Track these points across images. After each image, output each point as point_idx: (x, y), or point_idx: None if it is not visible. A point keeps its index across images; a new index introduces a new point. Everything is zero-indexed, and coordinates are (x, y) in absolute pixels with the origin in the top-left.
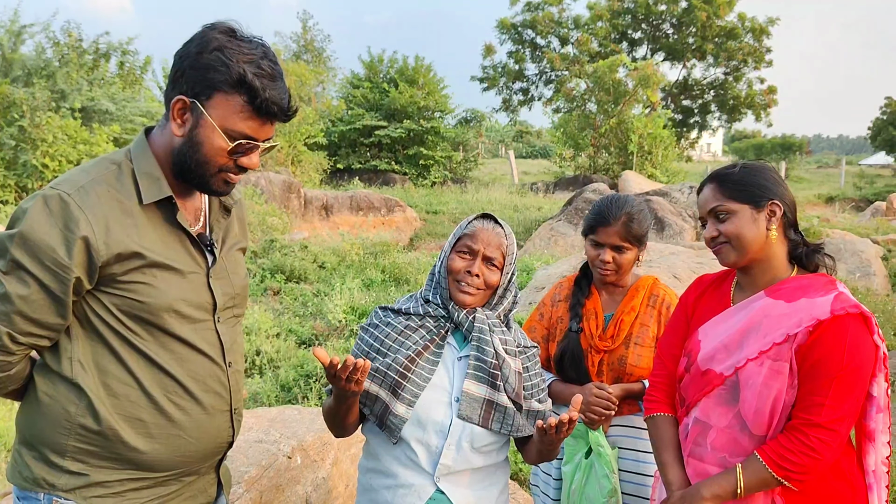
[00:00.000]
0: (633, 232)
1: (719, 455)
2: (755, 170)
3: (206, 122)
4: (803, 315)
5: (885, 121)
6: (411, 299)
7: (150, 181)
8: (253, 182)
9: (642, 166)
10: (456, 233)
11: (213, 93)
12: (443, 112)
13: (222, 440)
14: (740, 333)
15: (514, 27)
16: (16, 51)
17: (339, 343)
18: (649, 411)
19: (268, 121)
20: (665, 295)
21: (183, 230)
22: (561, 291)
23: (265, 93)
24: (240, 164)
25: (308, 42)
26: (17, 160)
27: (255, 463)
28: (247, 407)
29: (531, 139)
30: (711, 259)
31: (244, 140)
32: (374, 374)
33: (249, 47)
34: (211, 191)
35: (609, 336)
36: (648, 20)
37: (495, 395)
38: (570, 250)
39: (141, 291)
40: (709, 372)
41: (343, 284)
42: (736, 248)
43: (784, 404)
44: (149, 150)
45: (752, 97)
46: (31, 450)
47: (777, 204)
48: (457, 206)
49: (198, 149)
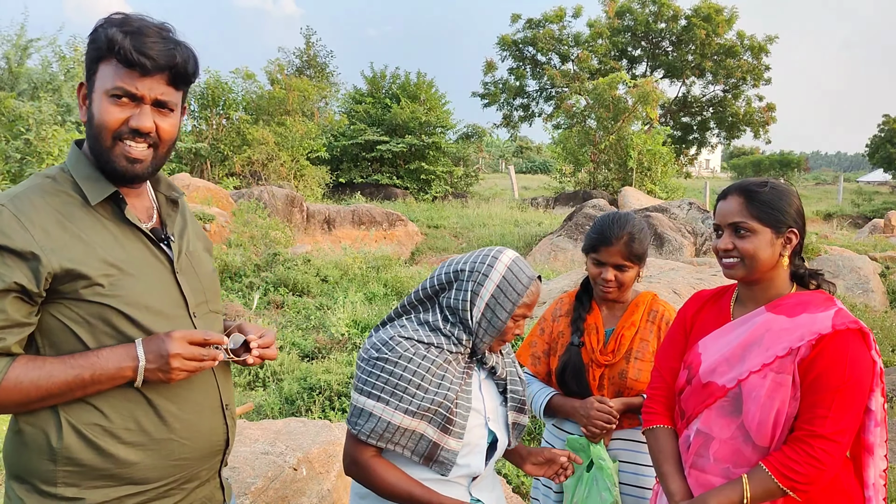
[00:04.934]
0: (634, 251)
1: (723, 466)
2: (783, 194)
3: (94, 95)
4: (805, 330)
5: (883, 138)
6: (434, 332)
7: (91, 182)
8: (256, 196)
9: (642, 182)
10: (510, 295)
11: (96, 67)
12: (444, 127)
13: (217, 439)
14: (742, 347)
15: (515, 44)
16: (22, 65)
17: (341, 356)
18: (648, 423)
19: (145, 74)
20: (664, 310)
21: (136, 227)
22: (562, 307)
23: (128, 43)
24: (131, 127)
25: (311, 57)
26: (23, 173)
27: (261, 474)
28: (251, 419)
29: (531, 154)
30: (711, 275)
31: (123, 96)
32: (417, 412)
33: (124, 17)
34: (116, 170)
35: (610, 350)
36: (648, 38)
37: (520, 418)
38: (571, 265)
39: (101, 295)
40: (710, 384)
41: (345, 298)
42: (747, 266)
43: (787, 416)
44: (82, 156)
45: (751, 114)
46: (21, 483)
47: (795, 232)
48: (458, 220)
49: (92, 123)
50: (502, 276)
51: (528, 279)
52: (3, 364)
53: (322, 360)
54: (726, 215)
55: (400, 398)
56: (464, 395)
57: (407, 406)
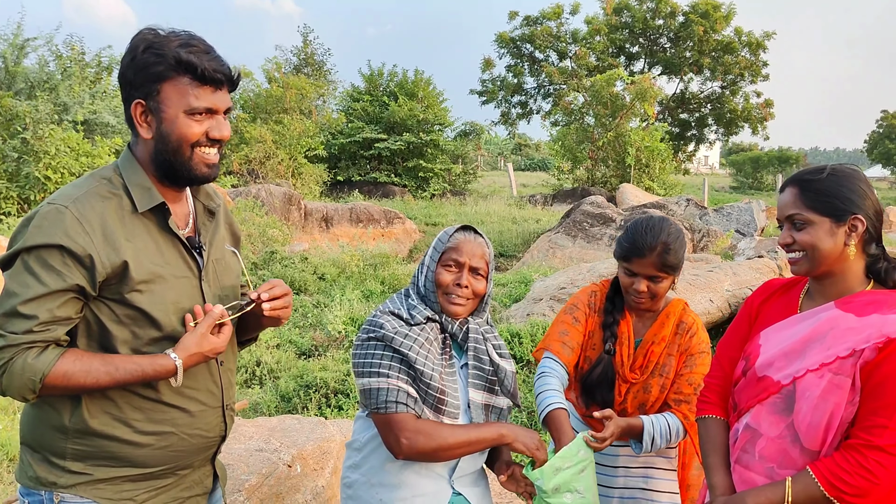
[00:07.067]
0: (668, 262)
1: (767, 465)
2: (843, 178)
3: (166, 112)
4: (873, 331)
5: (882, 134)
6: (402, 299)
7: (141, 191)
8: (254, 194)
9: (640, 179)
10: (437, 247)
11: (160, 85)
12: (442, 125)
13: (214, 435)
14: (803, 342)
15: (513, 41)
16: (19, 64)
17: (338, 354)
18: (701, 412)
19: (217, 88)
20: (693, 324)
21: (175, 235)
22: (595, 301)
23: (204, 63)
24: (211, 137)
25: (309, 56)
26: (20, 172)
27: (255, 471)
28: (247, 416)
29: (530, 152)
30: (707, 272)
31: (205, 111)
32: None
33: (174, 35)
34: (195, 177)
35: (638, 367)
36: (646, 34)
37: (493, 399)
38: (568, 262)
39: (138, 300)
40: (765, 378)
41: (343, 296)
42: (810, 259)
43: (841, 421)
44: (135, 162)
45: (749, 111)
46: (34, 452)
47: (860, 219)
48: (456, 217)
49: (169, 140)
50: (436, 239)
51: (453, 230)
52: (53, 355)
53: (319, 358)
54: (783, 208)
55: (398, 370)
56: (449, 379)
57: (406, 377)
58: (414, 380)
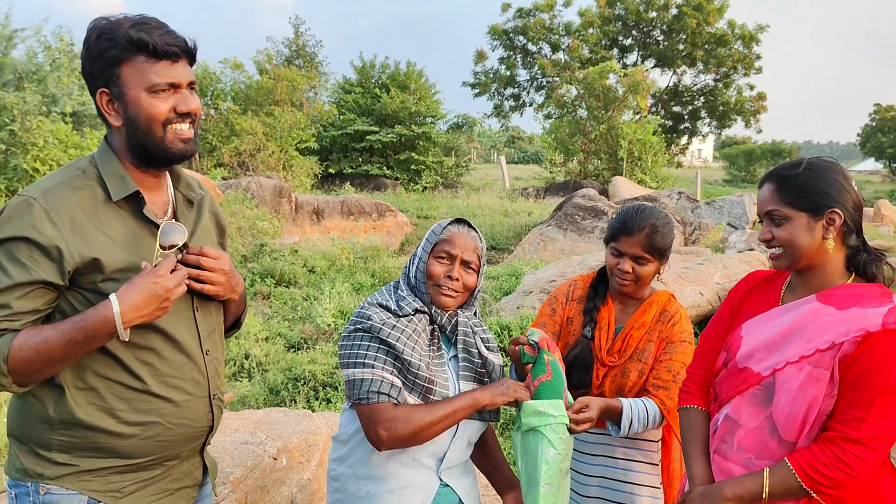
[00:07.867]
0: (655, 244)
1: (745, 455)
2: (819, 172)
3: (129, 95)
4: (852, 324)
5: (875, 127)
6: (392, 291)
7: (116, 180)
8: (244, 187)
9: (632, 172)
10: (430, 238)
11: (118, 69)
12: (434, 117)
13: (201, 425)
14: (783, 335)
15: (506, 33)
16: (7, 55)
17: (327, 347)
18: (683, 402)
19: (174, 61)
20: (676, 313)
21: (153, 223)
22: (575, 290)
23: (156, 38)
24: (179, 112)
25: (300, 47)
26: (8, 164)
27: (240, 464)
28: (234, 409)
29: (522, 144)
30: (697, 265)
31: (166, 88)
32: (403, 383)
33: (126, 18)
34: (172, 155)
35: (616, 350)
36: (639, 27)
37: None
38: (560, 255)
39: (113, 289)
40: (746, 370)
41: (332, 289)
42: (789, 255)
43: (819, 413)
44: (111, 152)
45: (742, 103)
46: (20, 444)
47: (837, 212)
48: (448, 210)
49: (138, 122)
50: (430, 231)
51: (447, 222)
52: (8, 338)
53: (307, 351)
54: (761, 204)
55: (384, 361)
56: (438, 370)
57: (391, 368)
58: (400, 371)
